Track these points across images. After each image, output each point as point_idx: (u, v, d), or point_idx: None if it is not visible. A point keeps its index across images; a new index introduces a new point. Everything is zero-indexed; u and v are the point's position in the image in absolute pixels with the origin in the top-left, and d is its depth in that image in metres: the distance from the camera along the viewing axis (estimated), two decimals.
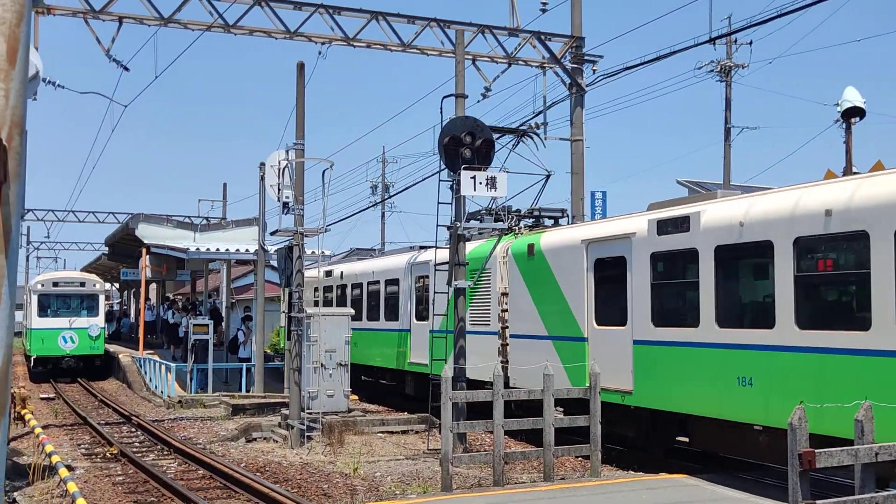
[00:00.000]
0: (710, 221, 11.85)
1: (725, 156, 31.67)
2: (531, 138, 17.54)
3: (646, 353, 12.86)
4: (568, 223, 17.82)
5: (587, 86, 21.89)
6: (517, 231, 16.98)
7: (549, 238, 15.67)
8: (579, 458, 14.55)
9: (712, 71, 30.95)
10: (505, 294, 16.56)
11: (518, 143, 17.26)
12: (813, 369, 10.18)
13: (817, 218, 10.24)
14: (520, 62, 21.63)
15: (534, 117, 22.09)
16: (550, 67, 21.74)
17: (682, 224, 12.28)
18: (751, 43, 29.99)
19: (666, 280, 13.00)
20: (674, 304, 12.87)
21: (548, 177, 17.36)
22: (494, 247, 17.02)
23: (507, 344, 16.43)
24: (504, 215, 17.14)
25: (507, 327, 16.48)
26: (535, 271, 15.69)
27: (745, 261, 11.85)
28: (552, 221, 17.90)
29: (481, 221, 17.66)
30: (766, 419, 10.80)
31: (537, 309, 15.59)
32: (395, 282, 21.57)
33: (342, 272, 25.20)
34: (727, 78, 30.91)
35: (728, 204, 11.95)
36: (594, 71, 22.07)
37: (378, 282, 22.81)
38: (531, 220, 17.74)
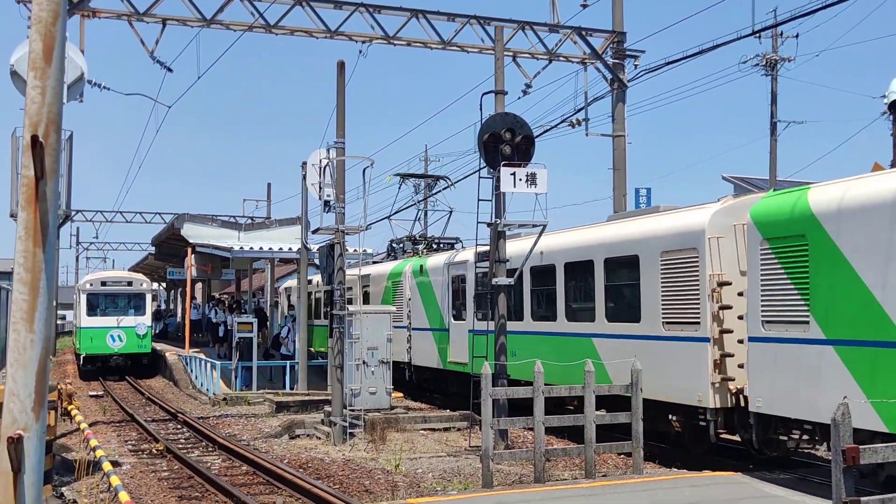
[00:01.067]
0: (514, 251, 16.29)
1: (771, 150, 31.22)
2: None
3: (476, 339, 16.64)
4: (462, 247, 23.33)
5: (629, 81, 21.71)
6: (420, 253, 23.63)
7: (430, 260, 22.10)
8: (621, 456, 14.45)
9: (757, 65, 30.53)
10: (409, 299, 22.81)
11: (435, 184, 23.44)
12: (615, 348, 14.29)
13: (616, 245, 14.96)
14: (560, 58, 21.52)
15: (575, 113, 22.01)
16: (591, 63, 21.60)
17: (484, 256, 16.22)
18: (797, 36, 29.60)
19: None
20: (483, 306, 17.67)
21: (450, 212, 25.87)
22: (405, 266, 23.25)
23: (410, 335, 22.66)
24: (419, 242, 24.91)
25: (410, 322, 22.70)
26: (423, 283, 22.13)
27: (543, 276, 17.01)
28: (451, 246, 24.33)
29: (403, 249, 25.55)
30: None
31: (424, 309, 22.01)
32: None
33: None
34: (773, 72, 30.46)
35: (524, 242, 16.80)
36: (636, 66, 21.90)
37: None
38: (445, 245, 24.49)
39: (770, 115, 30.78)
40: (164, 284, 55.76)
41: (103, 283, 32.15)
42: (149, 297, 32.84)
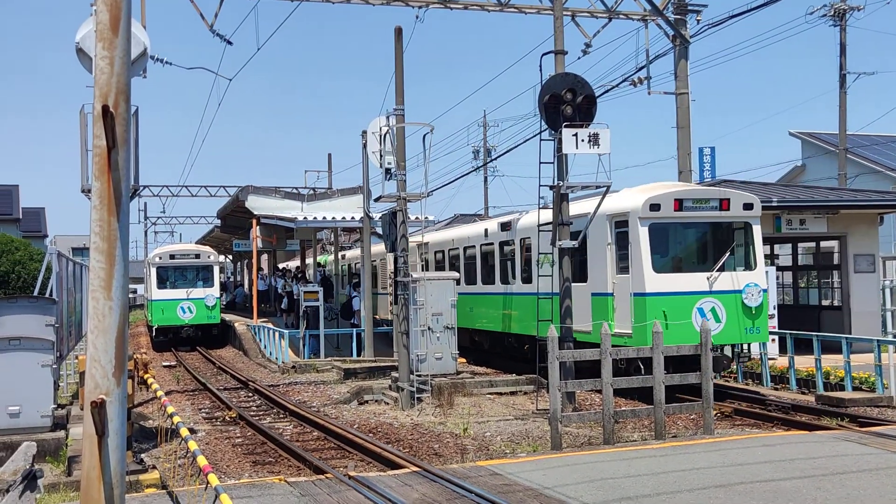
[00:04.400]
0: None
1: (841, 104, 30.32)
2: None
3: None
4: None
5: (691, 37, 21.22)
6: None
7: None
8: (692, 417, 14.33)
9: (825, 16, 29.58)
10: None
11: None
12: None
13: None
14: (620, 16, 21.13)
15: (636, 72, 21.63)
16: (652, 20, 21.17)
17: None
18: None
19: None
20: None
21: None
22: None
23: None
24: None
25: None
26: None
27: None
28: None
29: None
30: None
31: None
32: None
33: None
34: (842, 22, 29.49)
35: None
36: (698, 21, 21.38)
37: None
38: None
39: (839, 66, 29.86)
40: (230, 257, 56.70)
41: (172, 257, 32.76)
42: (216, 269, 33.38)
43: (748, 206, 16.35)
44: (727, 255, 16.08)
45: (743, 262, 16.42)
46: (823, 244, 26.01)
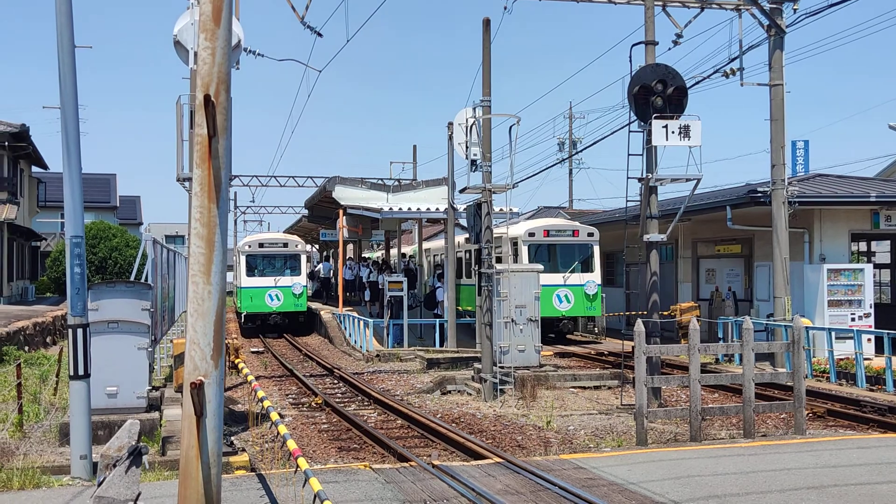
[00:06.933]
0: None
1: None
2: None
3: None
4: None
5: (787, 26, 20.62)
6: None
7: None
8: (782, 416, 13.99)
9: None
10: None
11: None
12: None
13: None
14: (713, 5, 20.63)
15: (728, 63, 21.11)
16: (746, 9, 20.61)
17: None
18: None
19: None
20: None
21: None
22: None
23: None
24: None
25: None
26: None
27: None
28: None
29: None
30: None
31: None
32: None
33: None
34: None
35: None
36: (795, 10, 20.71)
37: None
38: None
39: None
40: (316, 246, 57.57)
41: (261, 245, 33.39)
42: (303, 258, 33.90)
43: (591, 234, 25.89)
44: (575, 263, 25.36)
45: (586, 268, 25.51)
46: None
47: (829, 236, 22.31)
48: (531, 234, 25.41)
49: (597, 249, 25.82)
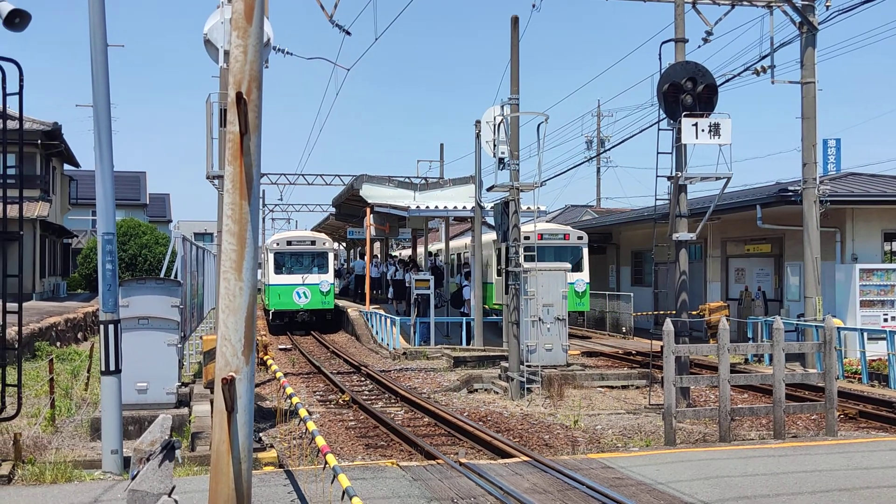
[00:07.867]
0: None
1: None
2: None
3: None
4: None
5: (819, 23, 20.39)
6: None
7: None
8: (813, 417, 13.86)
9: None
10: None
11: None
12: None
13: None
14: (744, 2, 20.45)
15: (759, 60, 20.93)
16: (778, 6, 20.42)
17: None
18: None
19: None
20: None
21: None
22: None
23: None
24: None
25: None
26: None
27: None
28: None
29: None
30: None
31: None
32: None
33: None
34: None
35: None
36: (827, 7, 20.48)
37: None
38: None
39: None
40: (344, 244, 57.77)
41: (289, 243, 33.56)
42: (331, 256, 34.04)
43: (580, 238, 28.11)
44: (566, 264, 25.43)
45: (576, 268, 26.70)
46: None
47: (861, 236, 22.07)
48: (526, 238, 25.67)
49: (585, 251, 27.99)
